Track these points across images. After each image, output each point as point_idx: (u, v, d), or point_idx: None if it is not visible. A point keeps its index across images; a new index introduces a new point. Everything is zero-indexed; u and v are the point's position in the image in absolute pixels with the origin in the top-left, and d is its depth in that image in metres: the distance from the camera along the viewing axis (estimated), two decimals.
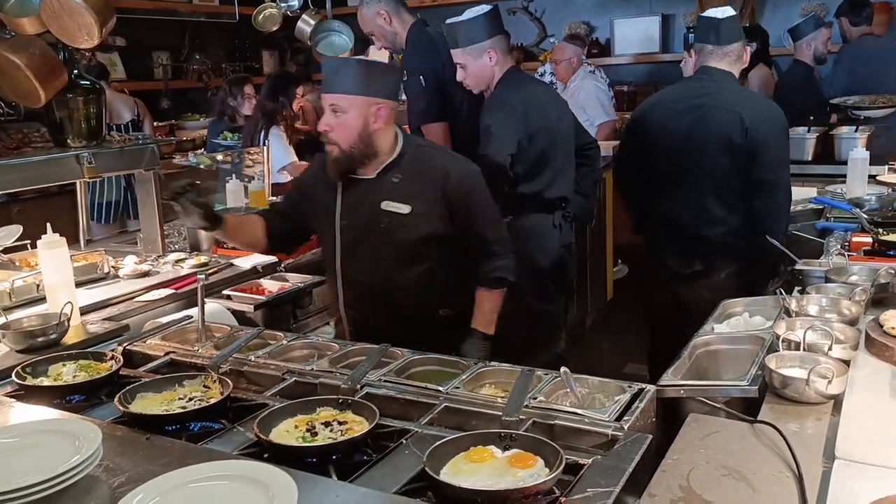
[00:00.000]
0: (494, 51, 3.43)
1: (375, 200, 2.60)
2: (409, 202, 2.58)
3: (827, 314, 2.31)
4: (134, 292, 2.97)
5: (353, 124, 2.51)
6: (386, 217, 2.59)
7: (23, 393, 2.11)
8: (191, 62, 7.83)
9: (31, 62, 2.80)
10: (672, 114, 3.33)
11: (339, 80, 2.51)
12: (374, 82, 2.53)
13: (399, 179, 2.60)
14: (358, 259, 2.65)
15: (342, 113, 2.50)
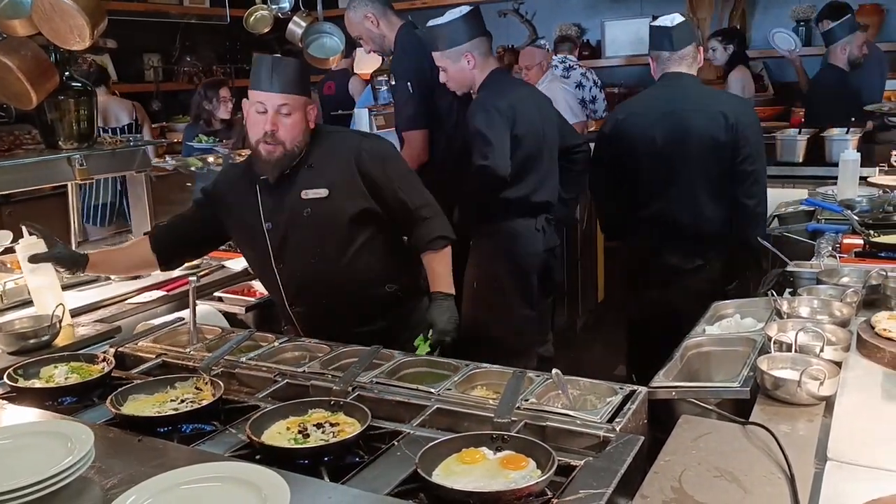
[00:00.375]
0: (472, 54, 3.39)
1: (295, 193, 2.59)
2: (326, 185, 2.58)
3: (818, 316, 2.32)
4: (125, 294, 2.97)
5: (299, 124, 2.53)
6: (308, 205, 2.58)
7: (14, 395, 2.11)
8: (181, 64, 7.83)
9: (23, 64, 2.80)
10: (648, 123, 3.42)
11: (285, 79, 2.49)
12: (307, 82, 2.61)
13: (311, 166, 2.60)
14: (291, 255, 2.63)
15: (290, 113, 2.50)
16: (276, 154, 2.52)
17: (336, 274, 2.63)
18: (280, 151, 2.52)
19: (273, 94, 2.48)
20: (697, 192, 3.38)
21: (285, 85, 2.48)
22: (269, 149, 2.51)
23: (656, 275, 3.52)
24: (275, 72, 2.48)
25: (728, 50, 6.50)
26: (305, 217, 2.59)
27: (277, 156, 2.52)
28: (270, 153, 2.52)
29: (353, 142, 2.68)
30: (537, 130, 3.46)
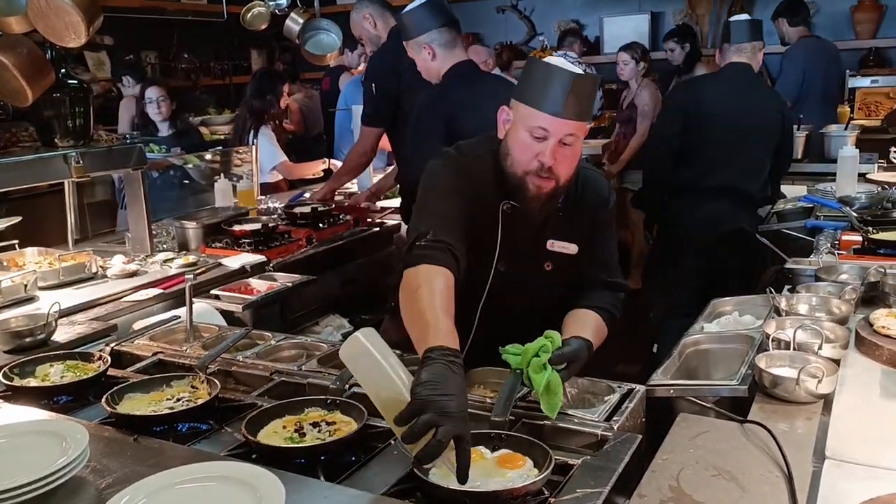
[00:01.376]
0: (430, 46, 3.24)
1: (540, 238, 2.15)
2: (575, 240, 2.16)
3: (817, 313, 2.32)
4: (122, 292, 2.95)
5: (577, 155, 2.04)
6: (551, 259, 2.16)
7: (10, 394, 2.09)
8: (179, 61, 7.81)
9: (18, 61, 2.79)
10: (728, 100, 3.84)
11: (586, 104, 1.98)
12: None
13: (561, 211, 2.13)
14: (503, 305, 2.16)
15: (573, 144, 1.99)
16: (547, 189, 2.01)
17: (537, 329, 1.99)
18: (552, 186, 2.01)
19: (564, 119, 1.94)
20: (763, 166, 3.91)
21: (581, 110, 1.96)
22: (544, 183, 2.00)
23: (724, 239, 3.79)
24: (568, 91, 1.93)
25: (685, 49, 6.54)
26: (545, 271, 2.18)
27: (549, 191, 2.02)
28: (541, 187, 2.01)
29: (603, 188, 2.23)
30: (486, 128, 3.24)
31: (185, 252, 3.57)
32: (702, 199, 3.86)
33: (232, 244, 3.66)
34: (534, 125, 1.96)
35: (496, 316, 2.14)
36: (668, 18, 7.76)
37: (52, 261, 3.13)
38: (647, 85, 6.39)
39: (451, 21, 3.27)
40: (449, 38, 3.26)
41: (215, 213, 4.04)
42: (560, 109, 1.93)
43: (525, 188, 2.02)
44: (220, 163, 4.89)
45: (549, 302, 2.19)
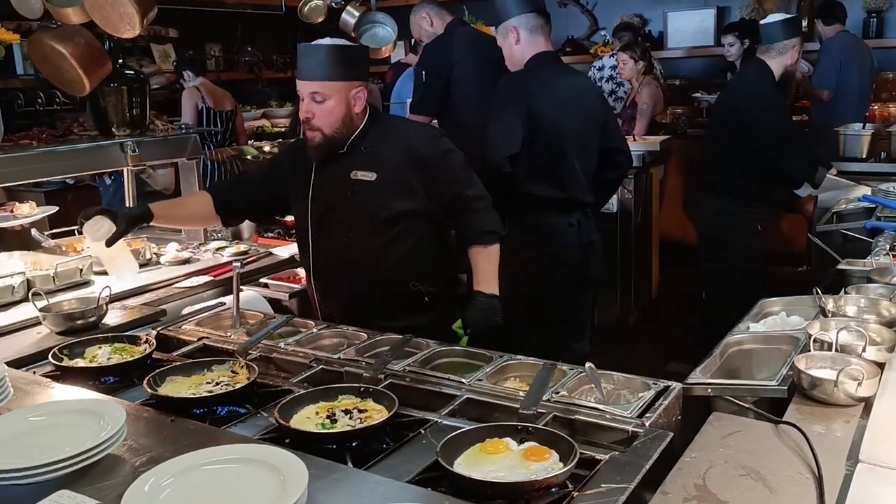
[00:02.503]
0: (516, 29, 3.26)
1: (345, 171, 2.61)
2: (376, 170, 2.58)
3: (865, 315, 2.25)
4: (173, 279, 3.03)
5: (335, 110, 2.52)
6: (354, 186, 2.60)
7: (59, 374, 2.17)
8: (242, 54, 7.93)
9: (76, 51, 2.88)
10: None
11: (317, 67, 2.48)
12: (351, 66, 2.53)
13: (367, 149, 2.60)
14: (327, 229, 2.66)
15: (324, 100, 2.50)
16: (317, 140, 2.56)
17: (363, 258, 2.63)
18: (319, 137, 2.55)
19: (305, 81, 2.50)
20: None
21: (317, 72, 2.48)
22: (311, 134, 2.56)
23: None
24: (308, 59, 2.49)
25: (745, 44, 6.41)
26: (350, 196, 2.61)
27: (318, 141, 2.56)
28: (312, 138, 2.57)
29: (411, 132, 2.71)
30: (565, 125, 3.27)
31: (237, 241, 3.64)
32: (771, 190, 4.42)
33: (283, 234, 3.72)
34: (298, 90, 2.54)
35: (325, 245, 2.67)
36: (735, 13, 7.61)
37: None
38: (648, 83, 6.35)
39: (540, 9, 3.31)
40: (536, 24, 3.29)
41: None
42: (302, 74, 2.51)
43: (306, 139, 2.62)
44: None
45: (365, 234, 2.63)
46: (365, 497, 1.43)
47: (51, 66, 2.91)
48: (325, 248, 2.68)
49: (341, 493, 1.45)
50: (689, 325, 5.26)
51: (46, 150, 2.95)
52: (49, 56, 2.89)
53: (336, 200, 2.63)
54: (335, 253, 2.66)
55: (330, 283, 2.71)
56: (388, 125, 2.69)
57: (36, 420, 1.71)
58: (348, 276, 2.66)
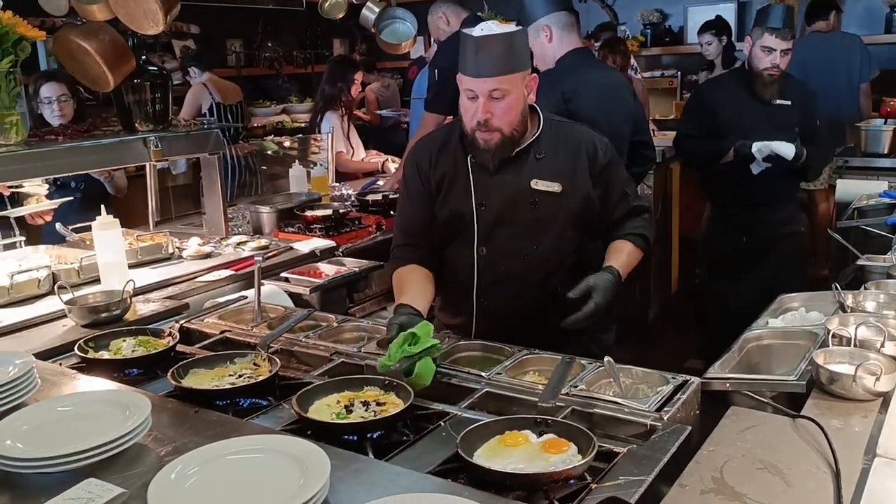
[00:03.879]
0: (549, 27, 3.26)
1: (523, 179, 2.38)
2: (559, 179, 2.38)
3: (885, 310, 2.26)
4: (195, 273, 3.06)
5: (515, 105, 2.28)
6: (536, 196, 2.38)
7: (84, 365, 2.21)
8: (263, 50, 7.98)
9: (101, 48, 2.91)
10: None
11: (497, 60, 2.21)
12: (525, 53, 2.31)
13: (543, 156, 2.38)
14: (498, 243, 2.42)
15: (504, 96, 2.24)
16: (494, 141, 2.30)
17: (542, 276, 2.45)
18: (497, 138, 2.30)
19: (482, 78, 2.22)
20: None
21: (496, 66, 2.21)
22: (488, 136, 2.30)
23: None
24: (481, 53, 2.21)
25: (723, 41, 6.33)
26: (532, 208, 2.39)
27: (496, 143, 2.31)
28: (488, 141, 2.31)
29: (588, 136, 2.46)
30: (601, 120, 3.14)
31: (258, 236, 3.67)
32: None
33: (304, 229, 3.75)
34: (465, 88, 2.28)
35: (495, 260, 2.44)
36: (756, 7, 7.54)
37: (132, 241, 3.27)
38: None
39: (569, 7, 3.32)
40: (567, 21, 3.29)
41: (289, 199, 4.14)
42: (477, 70, 2.23)
43: (476, 144, 2.33)
44: (296, 150, 5.00)
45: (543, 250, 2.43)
46: (386, 487, 1.45)
47: (76, 63, 2.95)
48: (495, 263, 2.44)
49: (362, 483, 1.48)
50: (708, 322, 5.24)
51: (72, 145, 2.99)
52: (74, 53, 2.93)
53: (510, 212, 2.40)
54: (506, 271, 2.44)
55: (498, 299, 2.48)
56: (560, 127, 2.46)
57: (64, 410, 1.75)
58: (517, 292, 2.46)
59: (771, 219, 4.03)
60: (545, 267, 2.45)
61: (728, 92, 3.98)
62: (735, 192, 4.01)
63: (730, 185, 4.00)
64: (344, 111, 5.36)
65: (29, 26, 2.71)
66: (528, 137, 2.39)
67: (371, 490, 1.44)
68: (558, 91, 3.18)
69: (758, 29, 3.76)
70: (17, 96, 2.75)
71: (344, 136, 5.35)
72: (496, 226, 2.41)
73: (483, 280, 2.46)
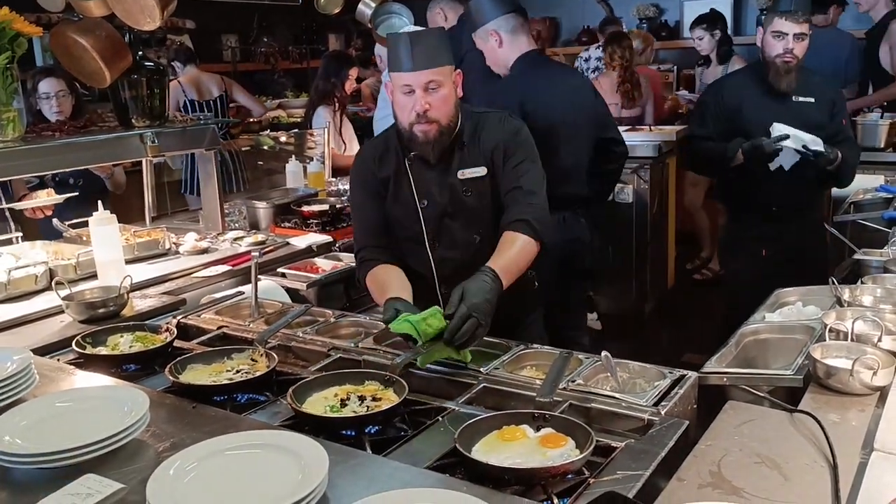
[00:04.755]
0: (497, 32, 3.20)
1: (452, 172, 2.45)
2: (483, 163, 2.45)
3: (881, 305, 2.26)
4: (192, 268, 3.06)
5: (450, 97, 2.36)
6: (466, 185, 2.46)
7: (82, 361, 2.21)
8: (259, 45, 7.96)
9: (97, 44, 2.90)
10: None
11: (431, 53, 2.30)
12: (449, 49, 2.39)
13: (464, 146, 2.46)
14: (446, 235, 2.50)
15: (438, 88, 2.32)
16: (432, 133, 2.36)
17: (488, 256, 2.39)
18: (435, 130, 2.36)
19: (418, 71, 2.29)
20: None
21: (431, 58, 2.30)
22: (427, 128, 2.35)
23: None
24: (420, 46, 2.29)
25: (715, 36, 6.25)
26: (467, 196, 2.46)
27: (434, 135, 2.37)
28: (427, 132, 2.36)
29: (498, 121, 2.51)
30: (558, 122, 3.21)
31: (255, 231, 3.67)
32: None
33: (300, 224, 3.75)
34: (400, 84, 2.34)
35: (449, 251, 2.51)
36: (752, 2, 7.56)
37: (129, 237, 3.26)
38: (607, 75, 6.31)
39: (517, 8, 3.23)
40: (515, 24, 3.22)
41: (286, 194, 4.14)
42: (412, 64, 2.29)
43: (415, 138, 2.39)
44: (293, 145, 5.00)
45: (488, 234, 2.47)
46: (384, 482, 1.46)
47: (72, 59, 2.94)
48: (448, 255, 2.51)
49: (360, 479, 1.48)
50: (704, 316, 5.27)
51: (68, 141, 2.98)
52: (71, 49, 2.92)
53: (451, 203, 2.47)
54: (462, 258, 2.48)
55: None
56: (476, 116, 2.52)
57: (62, 406, 1.75)
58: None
59: (794, 229, 3.64)
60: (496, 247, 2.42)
61: (745, 88, 3.62)
62: (754, 198, 3.64)
63: (748, 192, 3.64)
64: (337, 106, 5.35)
65: (25, 22, 2.70)
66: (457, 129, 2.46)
67: (369, 485, 1.45)
68: (514, 99, 3.14)
69: (769, 14, 3.52)
70: (14, 92, 2.75)
71: (336, 131, 5.34)
72: (441, 219, 2.49)
73: (441, 272, 2.53)
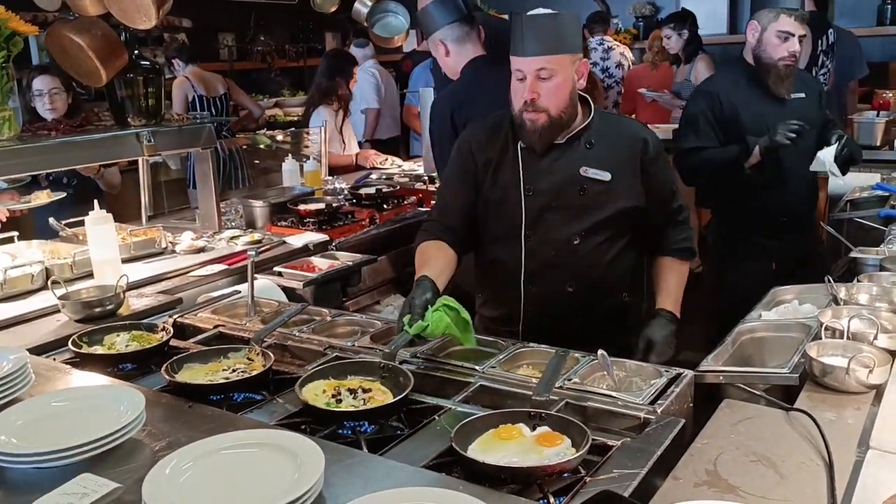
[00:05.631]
0: (443, 42, 3.14)
1: (572, 166, 2.36)
2: (609, 169, 2.36)
3: (877, 303, 2.26)
4: (188, 267, 3.06)
5: (563, 87, 2.27)
6: (585, 183, 2.36)
7: (78, 360, 2.21)
8: (255, 43, 7.95)
9: (93, 43, 2.90)
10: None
11: (545, 40, 2.22)
12: (575, 35, 2.31)
13: (592, 145, 2.37)
14: (545, 229, 2.40)
15: (551, 76, 2.25)
16: (541, 121, 2.29)
17: (589, 264, 2.42)
18: (544, 119, 2.29)
19: (530, 57, 2.23)
20: None
21: (545, 45, 2.22)
22: (535, 116, 2.29)
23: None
24: (528, 31, 2.23)
25: (683, 35, 6.19)
26: (580, 195, 2.37)
27: (542, 123, 2.30)
28: (535, 121, 2.30)
29: (639, 131, 2.48)
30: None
31: (251, 230, 3.67)
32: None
33: (297, 223, 3.75)
34: (514, 69, 2.29)
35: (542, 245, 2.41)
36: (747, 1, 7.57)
37: (125, 236, 3.26)
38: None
39: (462, 17, 3.15)
40: (461, 33, 3.15)
41: (282, 193, 4.14)
42: (524, 49, 2.24)
43: (524, 125, 2.33)
44: (289, 143, 4.99)
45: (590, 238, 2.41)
46: (380, 481, 1.45)
47: (68, 58, 2.94)
48: (541, 252, 2.42)
49: (357, 478, 1.48)
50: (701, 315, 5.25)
51: (64, 140, 2.97)
52: (67, 48, 2.92)
53: (558, 198, 2.38)
54: (554, 256, 2.41)
55: (545, 285, 2.44)
56: (610, 119, 2.49)
57: (58, 405, 1.75)
58: (567, 283, 2.43)
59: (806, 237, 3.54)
60: (594, 256, 2.42)
61: (740, 94, 3.42)
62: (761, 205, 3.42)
63: (755, 198, 3.41)
64: (338, 105, 5.35)
65: (21, 21, 2.70)
66: (578, 124, 2.37)
67: (366, 484, 1.45)
68: (447, 111, 3.10)
69: (768, 12, 3.31)
70: (10, 92, 2.74)
71: (337, 130, 5.34)
72: (543, 211, 2.39)
73: (530, 266, 2.43)
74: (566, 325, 2.40)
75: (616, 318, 2.52)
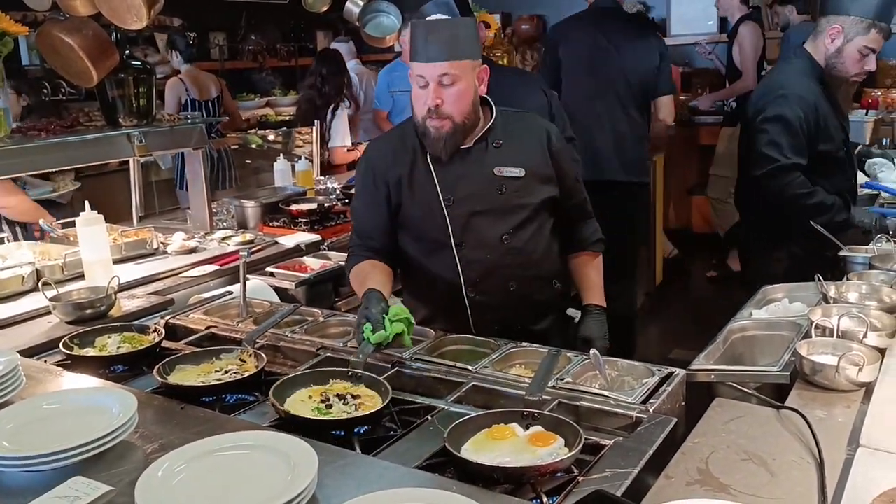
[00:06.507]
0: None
1: (485, 168, 2.35)
2: (521, 164, 2.36)
3: (867, 301, 2.28)
4: (180, 268, 3.05)
5: (466, 93, 2.24)
6: (502, 182, 2.35)
7: (69, 362, 2.20)
8: (247, 43, 7.92)
9: (84, 43, 2.90)
10: None
11: (446, 46, 2.19)
12: (474, 42, 2.29)
13: (500, 144, 2.37)
14: (475, 235, 2.38)
15: (454, 83, 2.22)
16: (446, 129, 2.27)
17: (523, 260, 2.42)
18: (449, 126, 2.27)
19: (433, 63, 2.20)
20: None
21: (447, 50, 2.20)
22: (439, 124, 2.26)
23: None
24: (430, 37, 2.20)
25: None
26: (500, 195, 2.36)
27: (447, 131, 2.27)
28: (440, 128, 2.27)
29: (540, 123, 2.50)
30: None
31: (243, 230, 3.66)
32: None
33: (289, 223, 3.75)
34: (416, 76, 2.25)
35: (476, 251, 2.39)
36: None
37: (116, 237, 3.25)
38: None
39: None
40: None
41: (274, 193, 4.13)
42: (426, 55, 2.20)
43: (427, 133, 2.30)
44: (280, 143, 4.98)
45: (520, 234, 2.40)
46: (373, 482, 1.46)
47: (59, 58, 2.94)
48: (476, 260, 2.39)
49: (350, 479, 1.48)
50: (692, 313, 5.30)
51: (55, 140, 2.97)
52: (58, 48, 2.91)
53: (480, 202, 2.36)
54: (489, 262, 2.39)
55: (488, 292, 2.42)
56: (511, 116, 2.45)
57: (49, 408, 1.74)
58: (507, 283, 2.42)
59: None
60: (528, 252, 2.42)
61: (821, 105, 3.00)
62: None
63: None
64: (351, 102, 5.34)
65: (11, 21, 2.69)
66: (482, 127, 2.37)
67: (359, 485, 1.45)
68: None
69: (860, 21, 2.87)
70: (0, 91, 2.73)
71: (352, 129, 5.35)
72: (469, 217, 2.37)
73: (469, 275, 2.40)
74: (515, 324, 2.41)
75: (552, 307, 2.55)
